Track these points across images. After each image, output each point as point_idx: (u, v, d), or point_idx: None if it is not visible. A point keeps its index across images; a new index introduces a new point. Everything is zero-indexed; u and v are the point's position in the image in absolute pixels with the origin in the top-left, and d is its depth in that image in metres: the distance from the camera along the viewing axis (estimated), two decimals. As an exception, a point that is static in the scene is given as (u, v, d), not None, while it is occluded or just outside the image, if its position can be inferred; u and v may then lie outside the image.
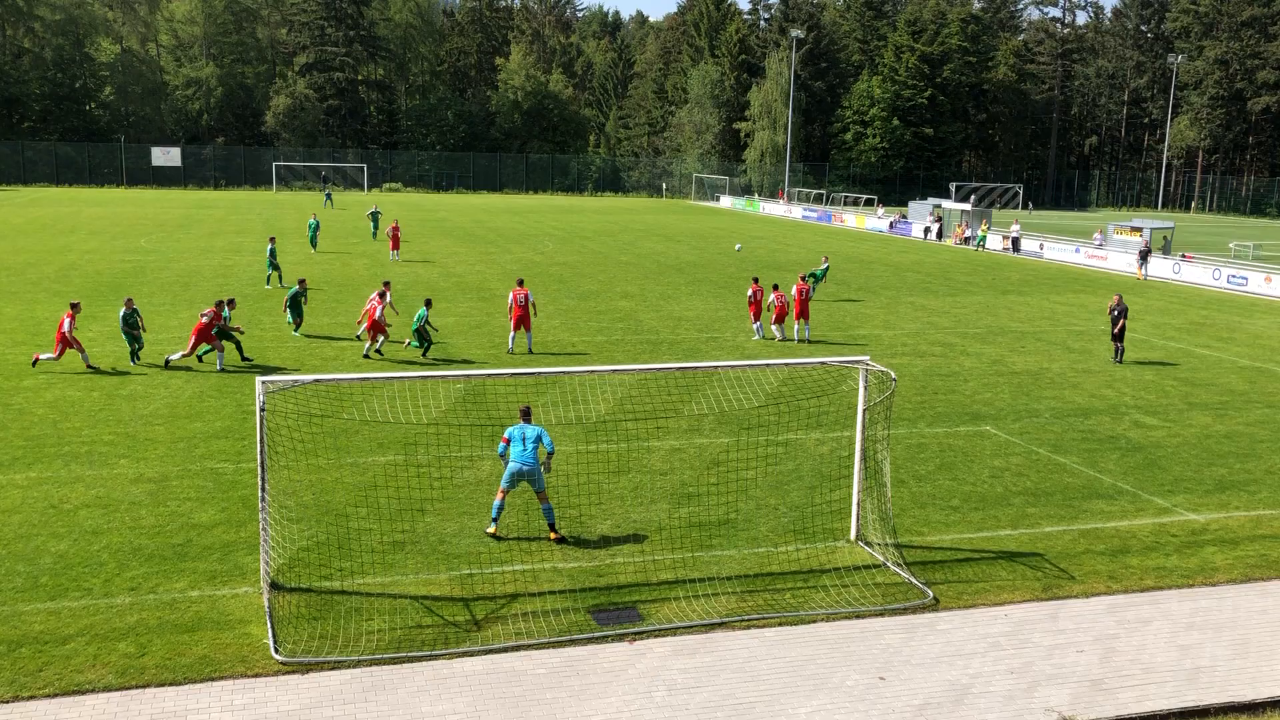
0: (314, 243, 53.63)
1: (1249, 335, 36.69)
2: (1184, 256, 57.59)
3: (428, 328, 28.41)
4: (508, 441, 15.50)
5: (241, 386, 24.27)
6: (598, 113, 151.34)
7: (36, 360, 25.77)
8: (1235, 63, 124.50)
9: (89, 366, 25.84)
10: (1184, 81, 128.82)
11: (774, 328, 32.25)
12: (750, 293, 33.23)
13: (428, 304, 28.97)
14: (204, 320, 26.45)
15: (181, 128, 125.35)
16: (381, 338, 28.04)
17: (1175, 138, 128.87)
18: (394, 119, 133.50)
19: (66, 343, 25.64)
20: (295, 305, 30.91)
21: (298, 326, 31.04)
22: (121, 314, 26.51)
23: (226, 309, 27.47)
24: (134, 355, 26.64)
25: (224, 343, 26.72)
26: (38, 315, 33.17)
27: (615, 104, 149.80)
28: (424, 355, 28.26)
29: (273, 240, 42.21)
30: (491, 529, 15.69)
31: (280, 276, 40.87)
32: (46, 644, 12.11)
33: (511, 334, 29.15)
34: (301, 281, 31.83)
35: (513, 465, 15.32)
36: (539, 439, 15.49)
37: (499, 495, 15.65)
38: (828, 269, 42.78)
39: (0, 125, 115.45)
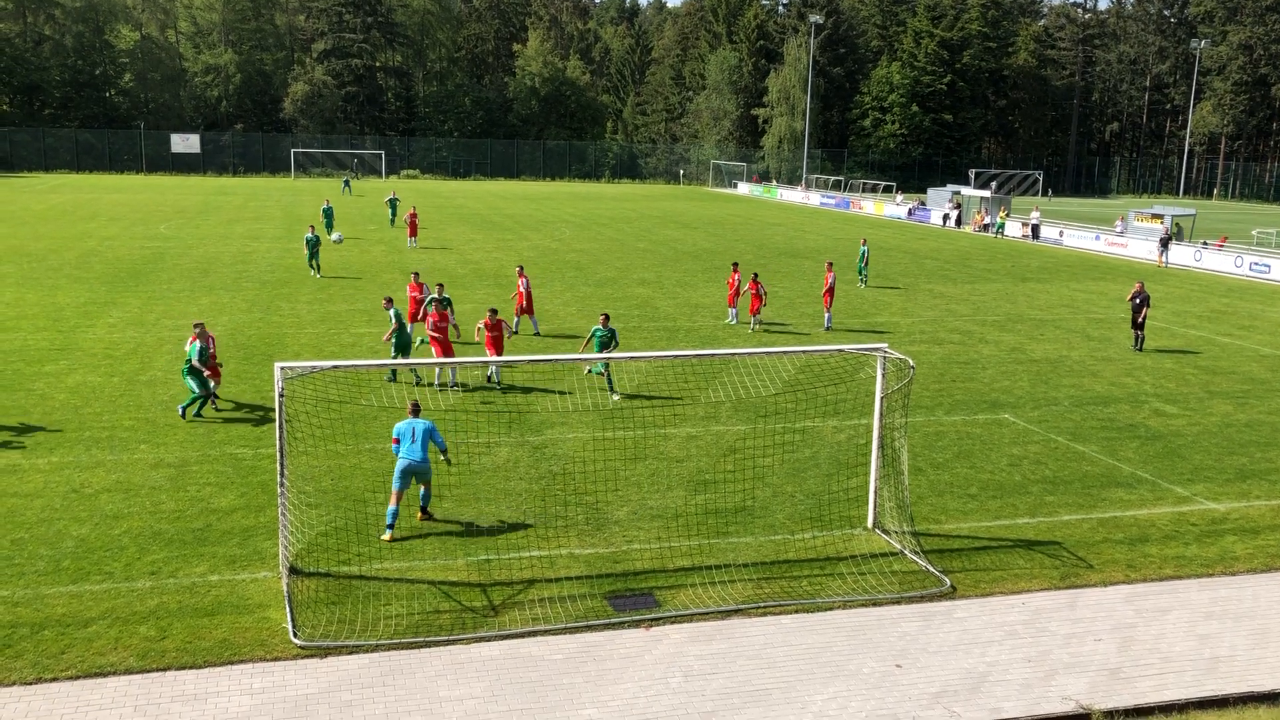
0: (330, 229, 53.74)
1: (1271, 323, 36.38)
2: (1219, 242, 57.12)
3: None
4: (397, 441, 15.18)
5: (260, 372, 24.39)
6: (615, 99, 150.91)
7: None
8: (1259, 47, 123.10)
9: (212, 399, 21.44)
10: (1207, 67, 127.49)
11: (752, 318, 31.53)
12: (731, 279, 32.83)
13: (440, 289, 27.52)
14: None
15: (200, 114, 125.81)
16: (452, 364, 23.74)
17: (1197, 124, 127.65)
18: (411, 106, 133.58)
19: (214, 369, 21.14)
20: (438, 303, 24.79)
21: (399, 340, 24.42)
22: (194, 349, 20.56)
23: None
24: (200, 404, 20.90)
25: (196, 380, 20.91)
26: (59, 302, 33.40)
27: (633, 90, 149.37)
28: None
29: (312, 228, 41.71)
30: (388, 535, 15.02)
31: (317, 265, 40.29)
32: (69, 627, 12.23)
33: (516, 319, 29.59)
34: (440, 286, 26.01)
35: (402, 462, 15.04)
36: (429, 434, 15.23)
37: (393, 499, 15.06)
38: (866, 252, 42.34)
39: (21, 112, 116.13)
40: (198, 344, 20.47)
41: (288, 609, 12.70)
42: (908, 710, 11.10)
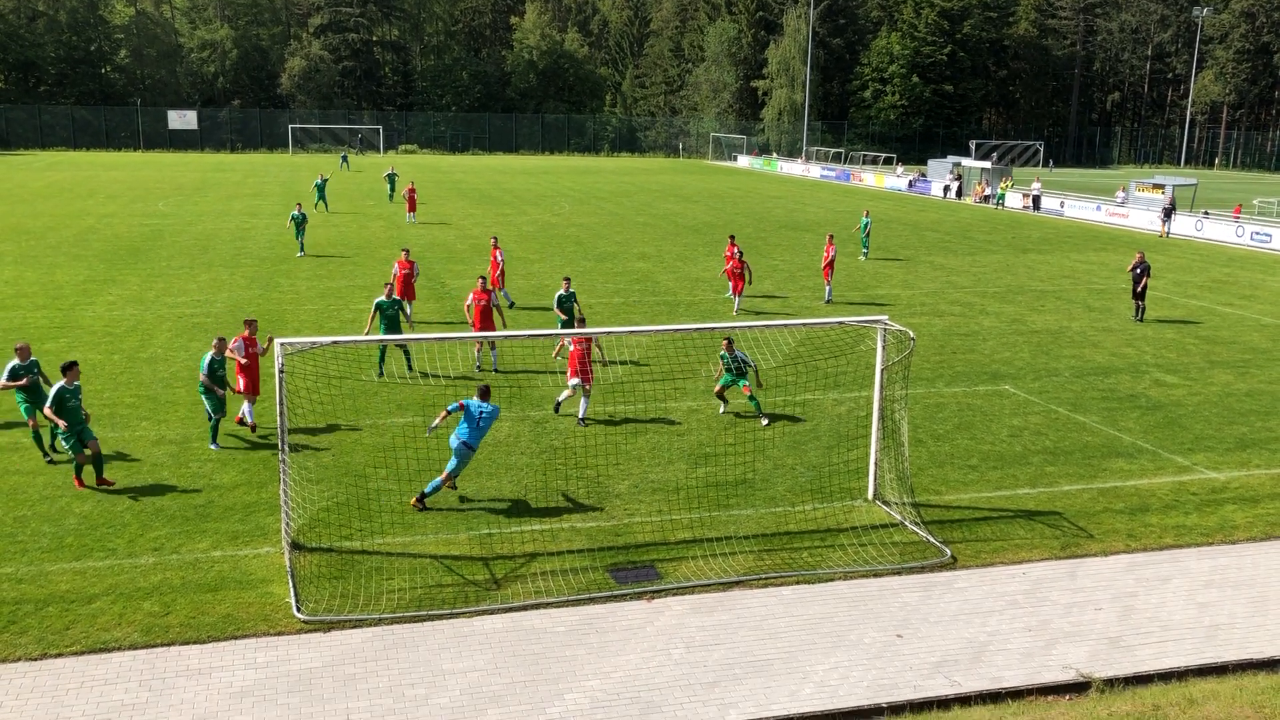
0: (322, 201, 53.83)
1: (1272, 293, 36.32)
2: (1235, 211, 56.96)
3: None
4: (449, 414, 15.02)
5: (260, 349, 24.35)
6: (614, 72, 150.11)
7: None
8: (1262, 15, 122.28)
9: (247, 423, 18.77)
10: (1209, 35, 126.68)
11: (735, 298, 30.36)
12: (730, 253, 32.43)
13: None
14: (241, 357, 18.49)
15: (197, 90, 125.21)
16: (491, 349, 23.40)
17: (1199, 93, 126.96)
18: (409, 80, 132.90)
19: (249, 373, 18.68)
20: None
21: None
22: (206, 359, 17.53)
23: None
24: (214, 427, 17.80)
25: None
26: (58, 280, 33.35)
27: (631, 63, 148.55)
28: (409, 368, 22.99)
29: (299, 206, 41.15)
30: (414, 500, 15.31)
31: (303, 243, 39.94)
32: (73, 603, 12.29)
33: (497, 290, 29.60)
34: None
35: (456, 441, 15.10)
36: (492, 420, 15.18)
37: (443, 476, 15.19)
38: (869, 223, 42.26)
39: (17, 89, 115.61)
40: (209, 354, 17.41)
41: (290, 584, 12.75)
42: (909, 680, 11.16)
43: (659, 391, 21.49)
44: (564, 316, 23.91)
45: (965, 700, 10.83)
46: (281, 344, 13.43)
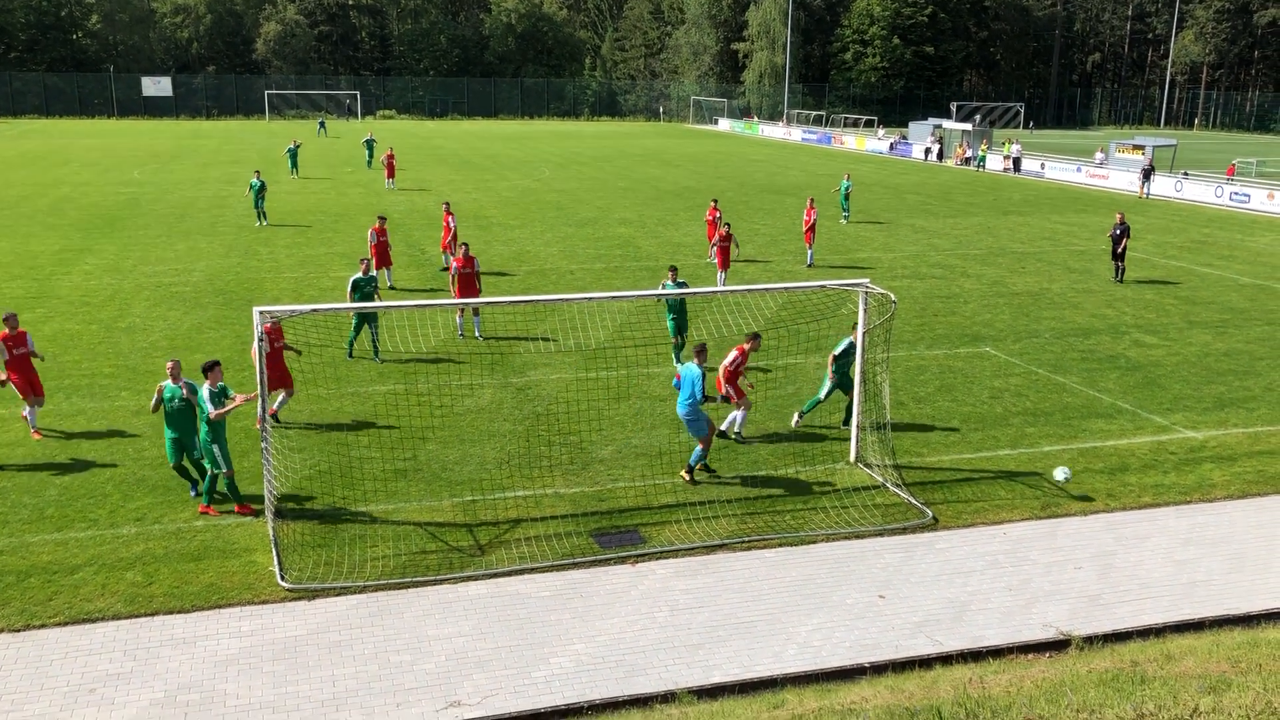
0: (294, 168, 53.66)
1: (1250, 253, 36.52)
2: (1228, 171, 57.16)
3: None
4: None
5: (239, 317, 24.21)
6: (593, 35, 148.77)
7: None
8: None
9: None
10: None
11: (720, 274, 30.30)
12: (711, 216, 32.37)
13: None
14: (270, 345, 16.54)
15: (171, 56, 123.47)
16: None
17: (1179, 53, 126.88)
18: (386, 44, 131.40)
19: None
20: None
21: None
22: (204, 391, 13.91)
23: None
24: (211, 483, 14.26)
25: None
26: (33, 249, 32.99)
27: (611, 25, 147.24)
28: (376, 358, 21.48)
29: (258, 174, 39.85)
30: (685, 475, 15.36)
31: (263, 212, 38.77)
32: (55, 574, 12.24)
33: (444, 254, 29.70)
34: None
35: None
36: (692, 383, 14.78)
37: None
38: (849, 186, 42.19)
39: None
40: (206, 387, 13.88)
41: (274, 552, 12.74)
42: (891, 640, 11.27)
43: (641, 357, 21.47)
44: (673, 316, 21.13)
45: (947, 659, 10.95)
46: (259, 312, 13.33)
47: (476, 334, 22.88)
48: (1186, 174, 55.81)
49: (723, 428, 16.86)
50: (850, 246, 36.03)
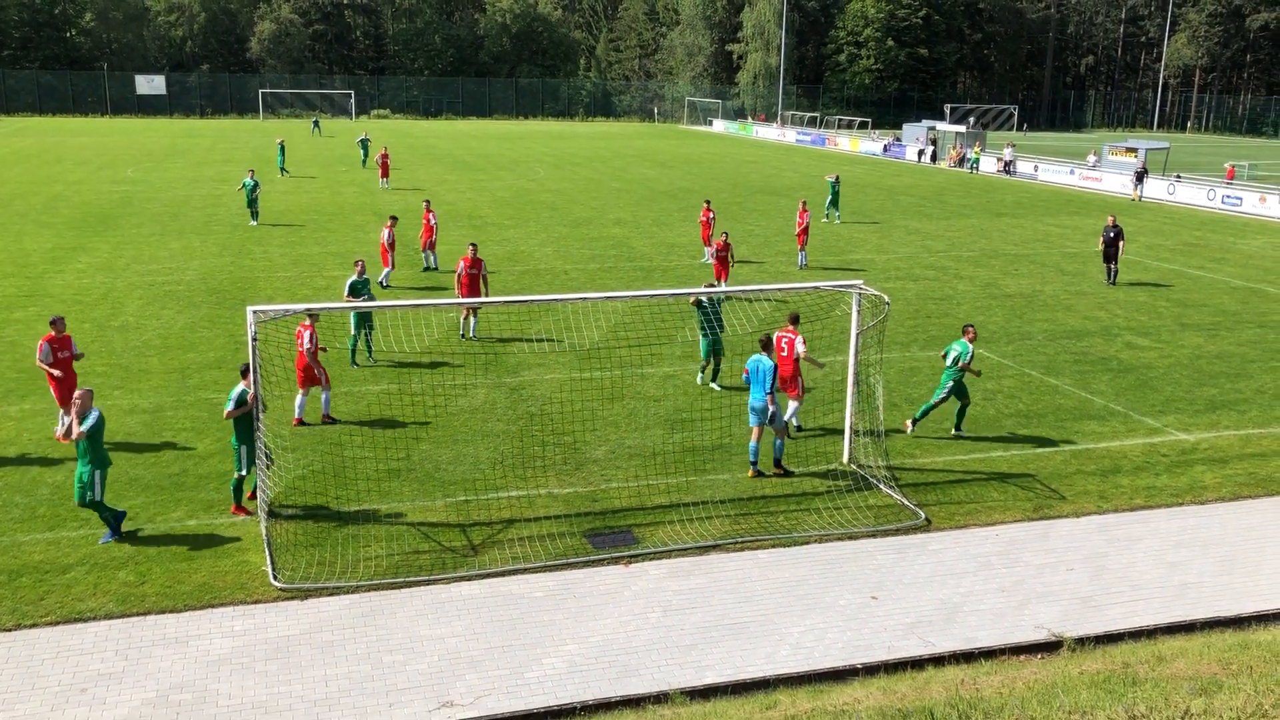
0: (282, 169, 53.82)
1: (1242, 256, 36.63)
2: (1228, 173, 57.26)
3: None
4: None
5: (233, 317, 24.17)
6: (588, 35, 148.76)
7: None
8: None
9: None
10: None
11: (719, 283, 30.08)
12: (705, 217, 32.46)
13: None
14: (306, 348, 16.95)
15: (165, 55, 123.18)
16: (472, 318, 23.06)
17: (1172, 56, 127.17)
18: (381, 44, 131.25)
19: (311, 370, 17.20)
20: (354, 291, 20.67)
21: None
22: (234, 392, 13.94)
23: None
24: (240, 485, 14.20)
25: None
26: (26, 247, 32.90)
27: (606, 26, 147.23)
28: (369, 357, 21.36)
29: (251, 173, 39.95)
30: (750, 472, 15.64)
31: (256, 211, 38.66)
32: (47, 573, 12.21)
33: (425, 253, 30.36)
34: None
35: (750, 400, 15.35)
36: (768, 375, 15.07)
37: (752, 435, 15.51)
38: (836, 185, 42.29)
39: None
40: (240, 387, 13.85)
41: (267, 552, 12.72)
42: (883, 641, 11.28)
43: (635, 357, 21.48)
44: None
45: (939, 660, 10.97)
46: (253, 311, 13.31)
47: (471, 334, 22.88)
48: (1179, 177, 55.94)
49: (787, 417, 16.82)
50: (844, 248, 36.08)
